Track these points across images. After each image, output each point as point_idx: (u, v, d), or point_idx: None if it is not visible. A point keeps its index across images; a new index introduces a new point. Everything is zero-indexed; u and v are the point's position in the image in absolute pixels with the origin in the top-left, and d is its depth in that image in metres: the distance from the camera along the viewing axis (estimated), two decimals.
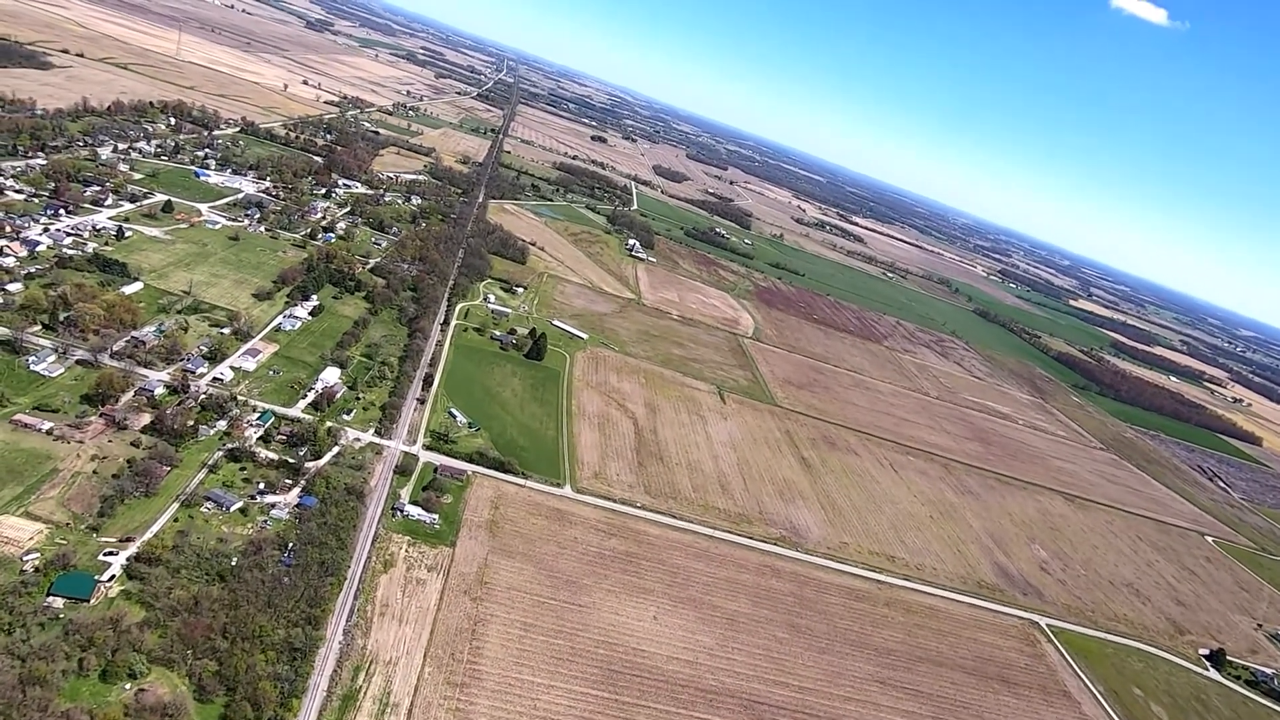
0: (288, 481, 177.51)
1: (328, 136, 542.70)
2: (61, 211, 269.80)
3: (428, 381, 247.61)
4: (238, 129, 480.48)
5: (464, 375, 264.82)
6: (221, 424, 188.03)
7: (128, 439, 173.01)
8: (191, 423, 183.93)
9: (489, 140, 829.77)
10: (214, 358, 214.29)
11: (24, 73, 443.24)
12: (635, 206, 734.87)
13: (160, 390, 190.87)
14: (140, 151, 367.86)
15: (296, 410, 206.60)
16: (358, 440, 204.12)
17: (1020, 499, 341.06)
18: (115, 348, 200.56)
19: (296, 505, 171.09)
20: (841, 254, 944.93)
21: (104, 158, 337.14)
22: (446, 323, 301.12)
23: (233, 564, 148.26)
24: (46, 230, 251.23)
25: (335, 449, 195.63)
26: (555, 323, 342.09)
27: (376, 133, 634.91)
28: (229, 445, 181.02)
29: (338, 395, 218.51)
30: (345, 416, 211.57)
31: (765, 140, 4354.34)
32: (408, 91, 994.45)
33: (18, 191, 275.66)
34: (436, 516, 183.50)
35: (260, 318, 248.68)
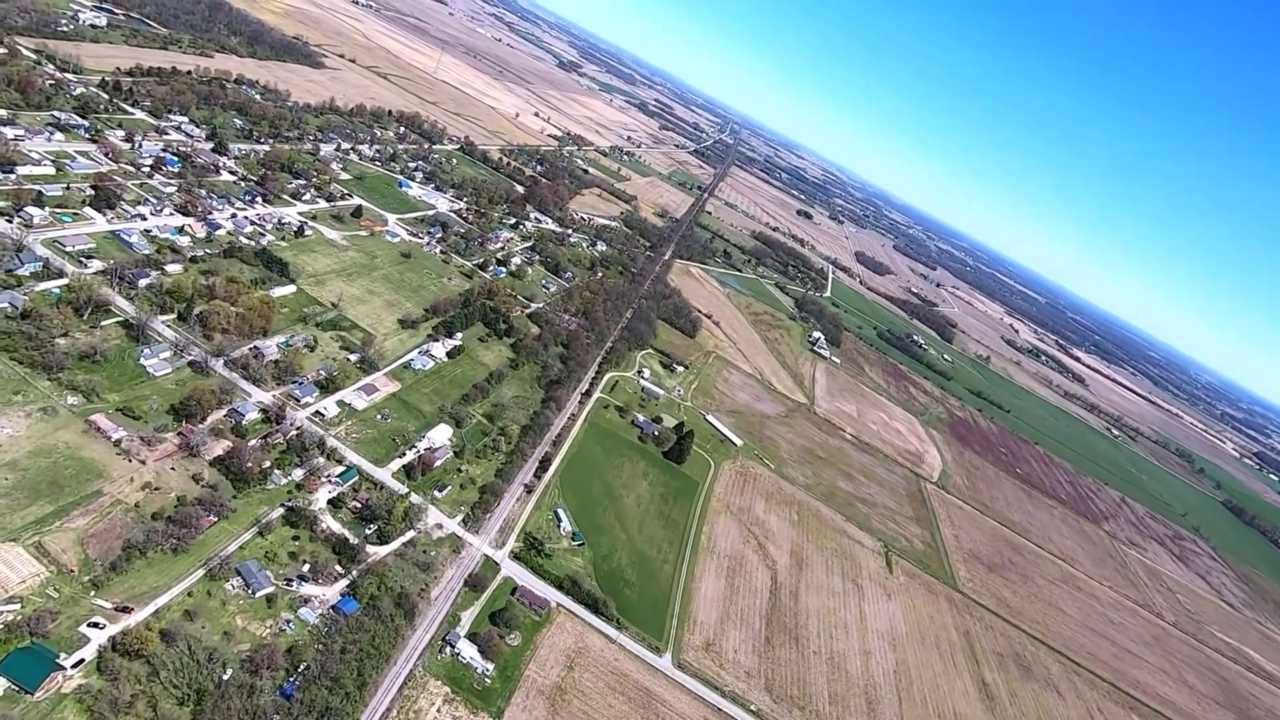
0: (337, 570, 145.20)
1: (537, 168, 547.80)
2: (259, 199, 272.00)
3: (544, 464, 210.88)
4: (457, 147, 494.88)
5: (587, 464, 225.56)
6: (298, 473, 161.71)
7: (192, 469, 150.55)
8: (267, 464, 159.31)
9: (693, 197, 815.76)
10: (327, 387, 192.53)
11: (297, 68, 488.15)
12: (828, 293, 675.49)
13: (253, 415, 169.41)
14: (359, 154, 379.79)
15: (386, 472, 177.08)
16: (438, 528, 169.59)
17: None
18: (233, 354, 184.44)
19: (332, 608, 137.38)
20: (1057, 394, 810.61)
21: (323, 154, 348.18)
22: (589, 393, 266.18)
23: (224, 678, 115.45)
24: (234, 215, 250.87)
25: (409, 534, 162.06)
26: (709, 418, 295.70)
27: (586, 171, 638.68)
28: (293, 502, 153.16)
29: (438, 463, 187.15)
30: (437, 493, 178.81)
31: (980, 244, 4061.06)
32: (628, 137, 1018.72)
33: (232, 173, 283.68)
34: (492, 666, 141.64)
35: (394, 349, 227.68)
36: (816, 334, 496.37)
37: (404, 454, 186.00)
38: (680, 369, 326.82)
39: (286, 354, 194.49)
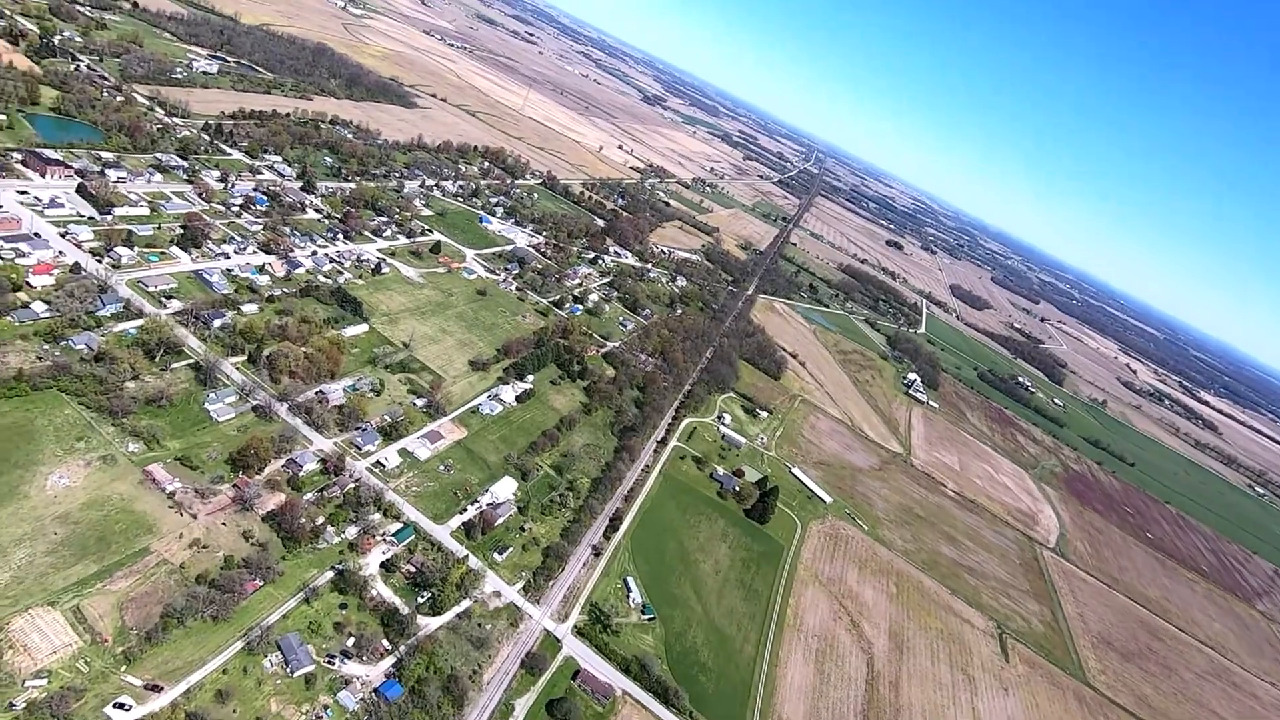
0: (384, 645, 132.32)
1: (619, 201, 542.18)
2: (340, 237, 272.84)
3: (614, 523, 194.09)
4: (539, 181, 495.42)
5: (661, 523, 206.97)
6: (352, 531, 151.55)
7: (244, 525, 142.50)
8: (321, 520, 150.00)
9: (777, 228, 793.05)
10: (390, 434, 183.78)
11: (390, 108, 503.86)
12: (923, 329, 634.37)
13: (311, 466, 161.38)
14: (442, 190, 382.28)
15: (445, 531, 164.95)
16: (496, 596, 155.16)
17: None
18: (298, 399, 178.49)
19: (374, 691, 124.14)
20: (1186, 443, 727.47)
21: (407, 190, 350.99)
22: (665, 441, 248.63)
23: None
24: (315, 253, 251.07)
25: (464, 604, 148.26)
26: (795, 471, 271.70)
27: (667, 203, 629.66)
28: (343, 565, 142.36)
29: (499, 520, 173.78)
30: (497, 555, 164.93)
31: (1086, 275, 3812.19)
32: (711, 169, 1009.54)
33: (317, 210, 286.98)
34: None
35: (462, 393, 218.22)
36: (912, 375, 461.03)
37: (465, 510, 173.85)
38: (764, 414, 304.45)
39: (351, 398, 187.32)
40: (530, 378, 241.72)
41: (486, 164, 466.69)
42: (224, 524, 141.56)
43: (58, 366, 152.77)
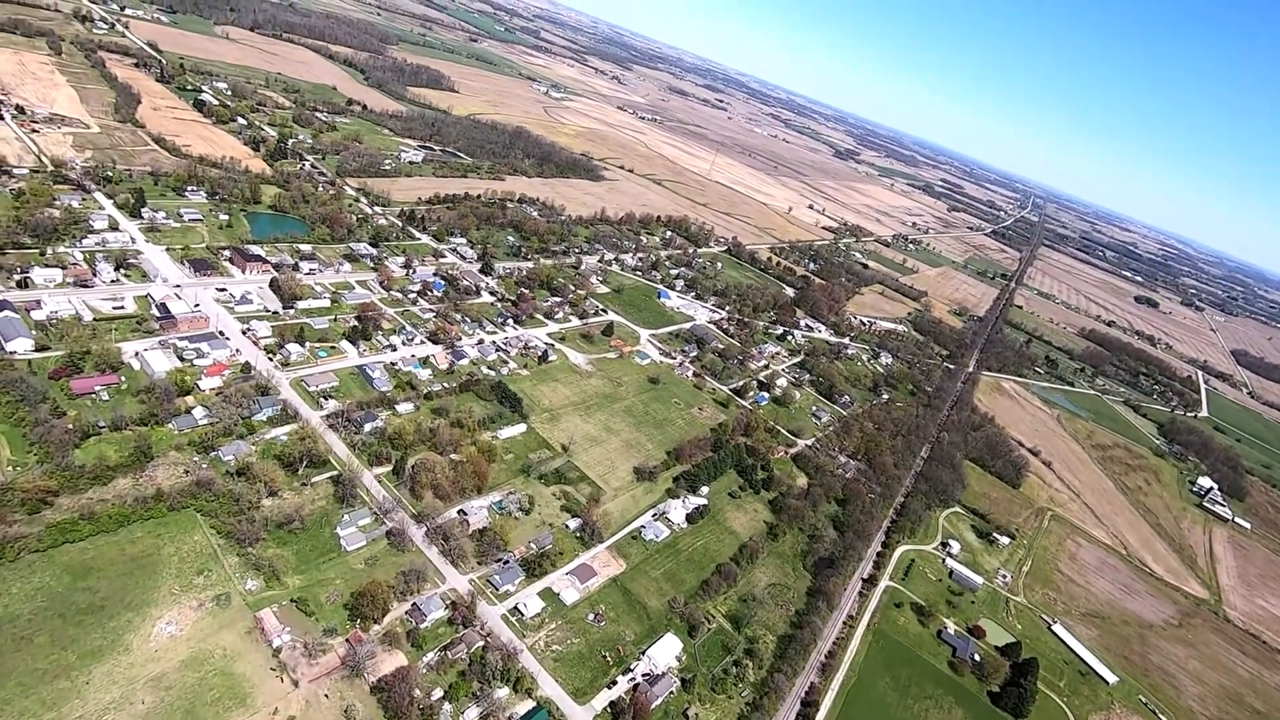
0: None
1: (810, 266, 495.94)
2: (510, 322, 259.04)
3: (807, 708, 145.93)
4: (723, 249, 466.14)
5: (873, 711, 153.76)
6: (472, 714, 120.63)
7: (347, 698, 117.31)
8: (437, 695, 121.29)
9: (996, 287, 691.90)
10: (533, 570, 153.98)
11: (578, 182, 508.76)
12: (1204, 413, 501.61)
13: (437, 615, 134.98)
14: (621, 264, 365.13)
15: (587, 715, 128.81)
16: None
17: None
18: (438, 520, 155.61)
19: None
20: None
21: (584, 267, 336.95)
22: (873, 580, 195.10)
23: None
24: (481, 342, 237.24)
25: None
26: (1056, 628, 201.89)
27: (865, 265, 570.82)
28: None
29: (657, 701, 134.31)
30: None
31: None
32: (913, 223, 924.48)
33: (492, 293, 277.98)
34: None
35: (623, 511, 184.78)
36: (1204, 480, 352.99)
37: (615, 682, 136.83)
38: (1004, 542, 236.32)
39: (495, 521, 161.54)
40: (704, 489, 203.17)
41: (669, 233, 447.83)
42: (326, 695, 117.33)
43: (199, 483, 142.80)
